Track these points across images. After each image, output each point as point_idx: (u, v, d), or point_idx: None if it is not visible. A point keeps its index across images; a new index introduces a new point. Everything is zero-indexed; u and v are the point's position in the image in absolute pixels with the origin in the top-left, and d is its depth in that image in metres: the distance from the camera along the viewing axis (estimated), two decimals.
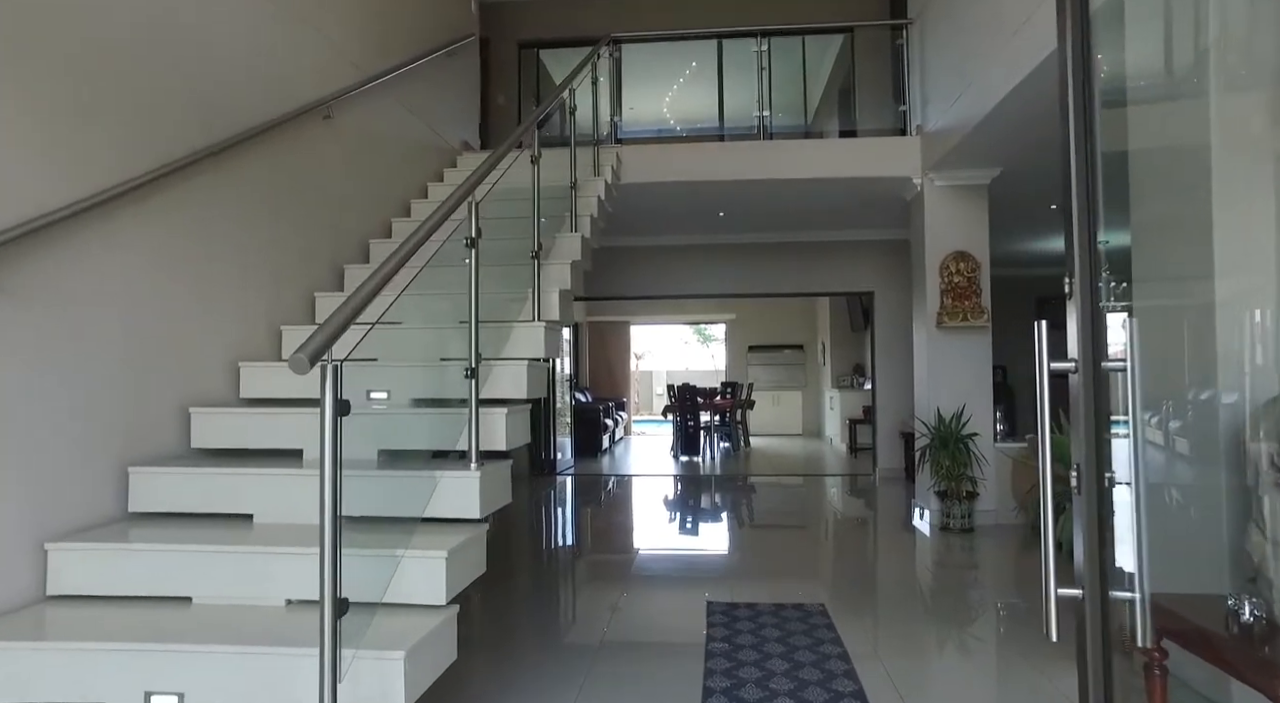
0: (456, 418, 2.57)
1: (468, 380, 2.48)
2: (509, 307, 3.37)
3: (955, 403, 5.41)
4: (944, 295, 5.52)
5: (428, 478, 2.43)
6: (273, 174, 3.52)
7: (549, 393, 8.67)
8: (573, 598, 4.36)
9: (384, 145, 4.55)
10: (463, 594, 2.24)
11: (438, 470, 2.44)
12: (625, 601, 4.04)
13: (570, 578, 4.79)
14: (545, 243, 3.95)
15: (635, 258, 8.47)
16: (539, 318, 3.32)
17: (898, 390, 8.06)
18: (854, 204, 6.76)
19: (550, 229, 4.11)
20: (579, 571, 4.91)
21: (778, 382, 13.11)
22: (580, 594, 4.42)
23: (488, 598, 4.17)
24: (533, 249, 3.39)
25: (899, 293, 8.08)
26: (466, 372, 2.47)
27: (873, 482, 7.98)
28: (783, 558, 5.00)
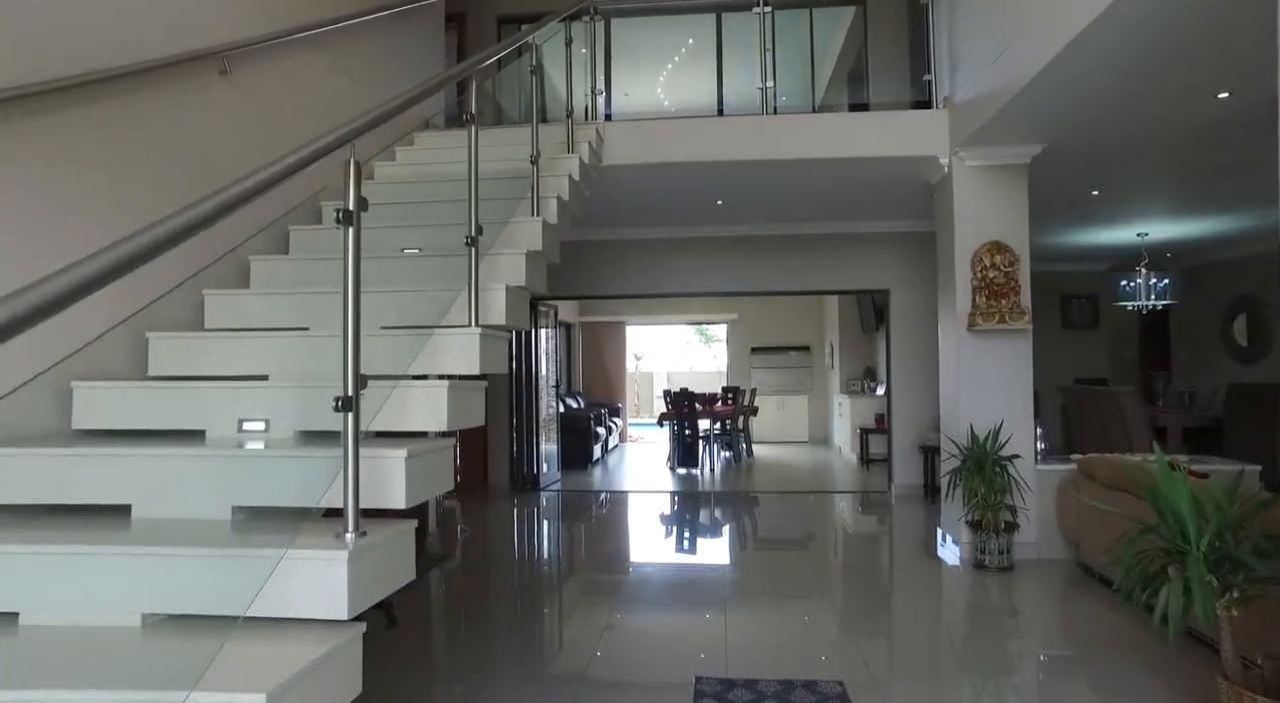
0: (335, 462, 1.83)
1: (342, 414, 1.74)
2: (436, 307, 2.63)
3: (991, 418, 4.65)
4: (976, 293, 4.75)
5: (258, 558, 1.68)
6: (151, 132, 2.79)
7: (531, 401, 7.93)
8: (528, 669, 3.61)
9: (309, 114, 3.80)
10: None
11: (272, 549, 1.68)
12: (594, 669, 3.29)
13: (526, 647, 4.05)
14: (494, 229, 3.22)
15: (627, 253, 7.72)
16: (476, 322, 2.58)
17: (916, 399, 7.29)
18: (870, 191, 5.99)
19: (502, 213, 3.37)
20: (540, 635, 4.16)
21: (783, 386, 12.34)
22: (536, 669, 3.67)
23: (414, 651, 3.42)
24: (468, 233, 2.64)
25: (918, 291, 7.32)
26: (337, 403, 1.72)
27: (888, 500, 7.21)
28: (790, 608, 4.24)
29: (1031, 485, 4.57)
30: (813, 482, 8.45)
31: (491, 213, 3.47)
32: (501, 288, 2.80)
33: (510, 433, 7.85)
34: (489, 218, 3.30)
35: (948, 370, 5.11)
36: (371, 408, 1.97)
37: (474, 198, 2.68)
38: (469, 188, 2.70)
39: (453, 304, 2.59)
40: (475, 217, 2.67)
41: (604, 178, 5.37)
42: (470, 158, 2.73)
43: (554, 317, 8.66)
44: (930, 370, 7.18)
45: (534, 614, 4.24)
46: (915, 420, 7.29)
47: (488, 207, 3.51)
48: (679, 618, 4.04)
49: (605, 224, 7.42)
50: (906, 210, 6.76)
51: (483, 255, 2.97)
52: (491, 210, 3.50)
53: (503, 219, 3.42)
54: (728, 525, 6.62)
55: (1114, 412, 6.74)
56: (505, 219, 3.44)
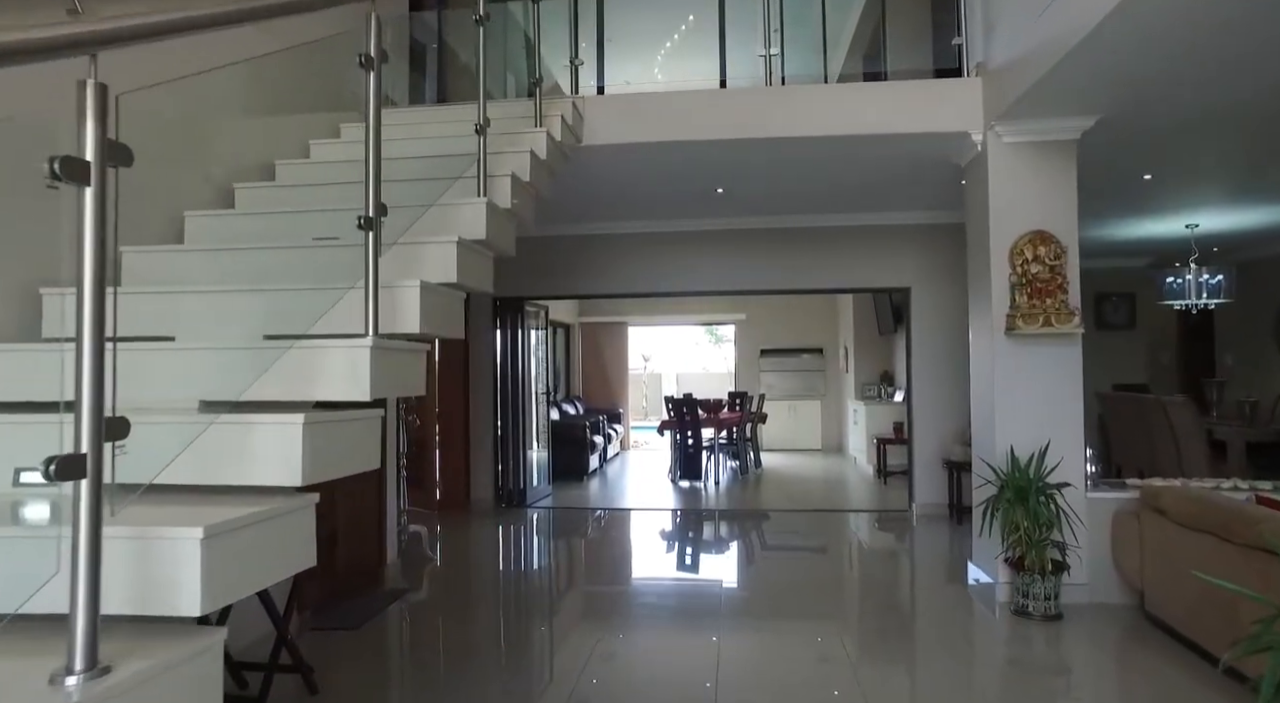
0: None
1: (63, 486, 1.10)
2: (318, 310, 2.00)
3: (1034, 438, 3.96)
4: (1016, 292, 4.06)
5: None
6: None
7: (518, 409, 7.29)
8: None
9: (211, 78, 3.17)
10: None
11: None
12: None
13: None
14: (417, 214, 2.58)
15: (620, 248, 7.07)
16: (373, 330, 1.93)
17: (939, 409, 6.59)
18: (889, 175, 5.30)
19: (432, 193, 2.73)
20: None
21: (794, 390, 11.64)
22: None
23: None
24: (363, 214, 1.99)
25: (943, 290, 6.62)
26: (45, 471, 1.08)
27: (909, 520, 6.51)
28: (797, 660, 3.57)
29: (1083, 517, 3.87)
30: (825, 497, 7.76)
31: (425, 195, 2.85)
32: (415, 285, 2.16)
33: (494, 444, 7.22)
34: (417, 200, 2.68)
35: (980, 381, 4.41)
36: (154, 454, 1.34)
37: (371, 162, 2.03)
38: (366, 150, 2.05)
39: (332, 306, 1.95)
40: (373, 189, 2.02)
41: (585, 161, 4.72)
42: (367, 115, 2.08)
43: (545, 317, 8.02)
44: (955, 377, 6.48)
45: (503, 663, 3.59)
46: (938, 432, 6.59)
47: (420, 189, 2.89)
48: (668, 667, 3.37)
49: (595, 217, 6.77)
50: (930, 199, 6.06)
51: (393, 244, 2.34)
52: (425, 193, 2.88)
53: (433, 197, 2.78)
54: (727, 552, 5.95)
55: (1161, 423, 6.02)
56: (435, 197, 2.80)
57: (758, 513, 7.09)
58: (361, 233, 1.97)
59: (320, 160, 3.65)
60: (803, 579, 4.90)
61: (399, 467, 5.19)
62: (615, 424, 11.25)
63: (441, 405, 7.07)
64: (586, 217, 6.76)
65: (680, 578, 5.11)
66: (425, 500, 7.07)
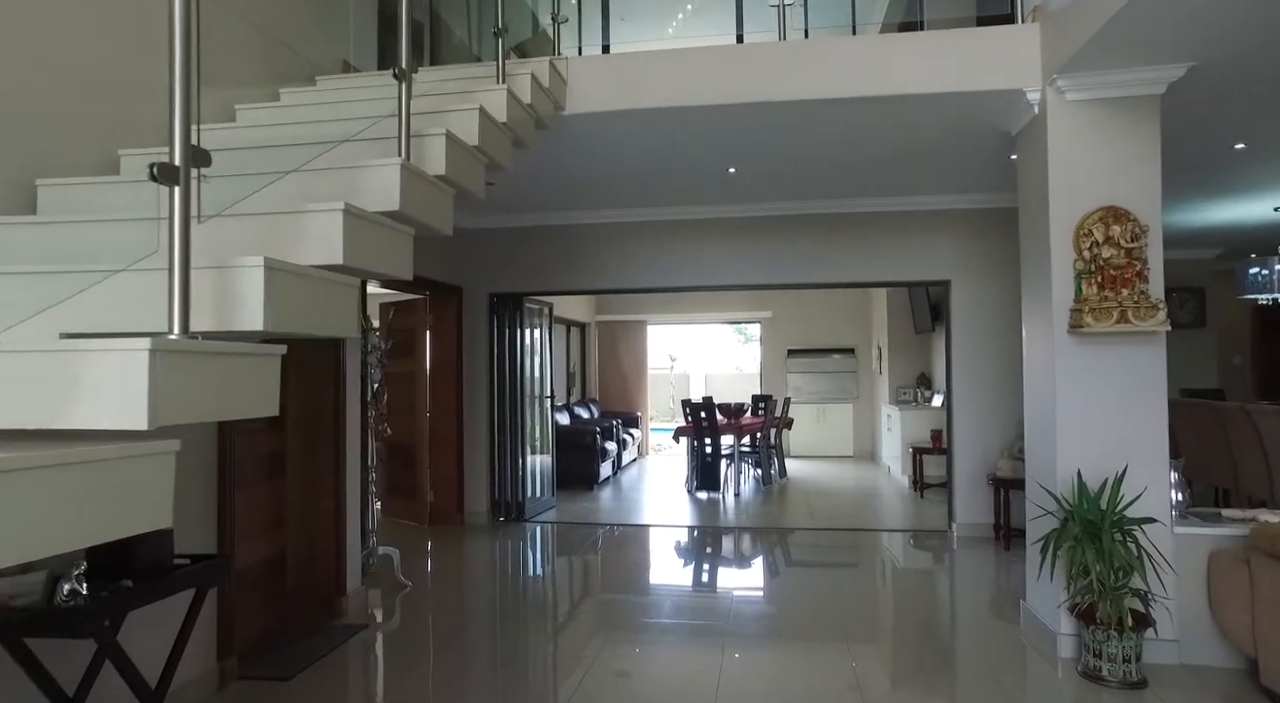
0: None
1: None
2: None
3: (1106, 460, 3.23)
4: (1082, 281, 3.33)
5: None
6: None
7: (516, 414, 6.70)
8: None
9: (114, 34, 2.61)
10: None
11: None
12: None
13: None
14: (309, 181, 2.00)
15: (628, 239, 6.44)
16: (181, 327, 1.34)
17: (984, 417, 5.85)
18: (926, 148, 4.59)
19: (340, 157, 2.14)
20: None
21: (823, 393, 10.90)
22: None
23: None
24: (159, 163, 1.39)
25: (988, 282, 5.88)
26: None
27: (949, 543, 5.78)
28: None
29: (1170, 557, 3.14)
30: (853, 513, 7.03)
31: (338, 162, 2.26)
32: (258, 265, 1.55)
33: (490, 452, 6.64)
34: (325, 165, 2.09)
35: (1037, 389, 3.69)
36: None
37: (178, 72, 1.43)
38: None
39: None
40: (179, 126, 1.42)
41: (572, 132, 4.11)
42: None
43: (548, 315, 7.42)
44: (1002, 383, 5.74)
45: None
46: (982, 444, 5.84)
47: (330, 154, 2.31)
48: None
49: (597, 204, 6.15)
50: (973, 178, 5.32)
51: (242, 215, 1.75)
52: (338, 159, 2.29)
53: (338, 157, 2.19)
54: (739, 579, 5.28)
55: (1247, 435, 5.20)
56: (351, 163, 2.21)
57: (778, 531, 6.41)
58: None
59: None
60: (824, 614, 4.21)
61: (367, 480, 4.62)
62: (632, 429, 10.62)
63: (433, 410, 6.52)
64: (587, 204, 6.15)
65: (683, 608, 4.46)
66: (416, 513, 6.53)
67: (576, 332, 11.27)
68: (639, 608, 4.52)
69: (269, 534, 3.85)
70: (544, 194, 5.82)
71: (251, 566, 3.64)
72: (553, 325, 7.55)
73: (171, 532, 2.50)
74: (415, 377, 6.59)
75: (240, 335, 1.57)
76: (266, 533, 3.83)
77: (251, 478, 3.71)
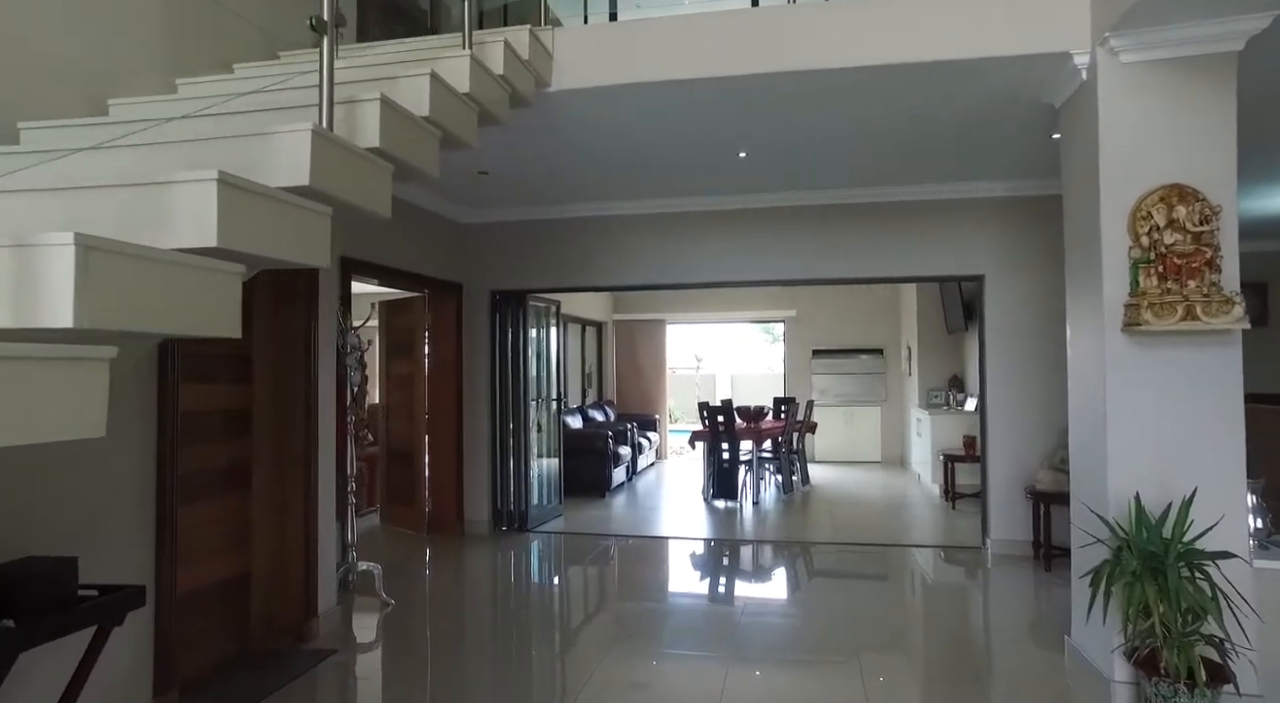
0: None
1: None
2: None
3: (1170, 480, 2.77)
4: (1140, 271, 2.87)
5: None
6: None
7: (519, 417, 6.36)
8: None
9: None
10: None
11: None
12: None
13: None
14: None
15: (638, 232, 6.06)
16: None
17: (1022, 424, 5.35)
18: (955, 130, 4.13)
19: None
20: None
21: (850, 395, 10.40)
22: None
23: None
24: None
25: (1026, 276, 5.39)
26: None
27: (983, 560, 5.29)
28: None
29: (1249, 598, 2.66)
30: (880, 525, 6.56)
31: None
32: (68, 243, 1.19)
33: (492, 458, 6.30)
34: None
35: (1084, 396, 3.22)
36: None
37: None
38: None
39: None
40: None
41: (560, 111, 3.74)
42: None
43: (555, 313, 7.05)
44: (1042, 386, 5.25)
45: None
46: (1019, 453, 5.35)
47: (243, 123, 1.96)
48: None
49: (601, 195, 5.78)
50: (1009, 162, 4.84)
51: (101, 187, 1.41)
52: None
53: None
54: (750, 602, 4.86)
55: None
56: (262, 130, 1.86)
57: (796, 545, 5.96)
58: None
59: None
60: (843, 641, 3.77)
61: (348, 492, 4.29)
62: (649, 432, 10.23)
63: (431, 413, 6.20)
64: (591, 195, 5.77)
65: (686, 630, 4.06)
66: (414, 522, 6.22)
67: (592, 331, 10.92)
68: (640, 632, 4.13)
69: (230, 553, 3.54)
70: (545, 184, 5.46)
71: (204, 589, 3.32)
72: (560, 324, 7.18)
73: (75, 561, 2.17)
74: (414, 378, 6.28)
75: (47, 334, 1.21)
76: (226, 552, 3.52)
77: (207, 491, 3.40)
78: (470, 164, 4.87)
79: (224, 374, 3.56)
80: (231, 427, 3.59)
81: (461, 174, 5.08)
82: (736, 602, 4.72)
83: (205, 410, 3.42)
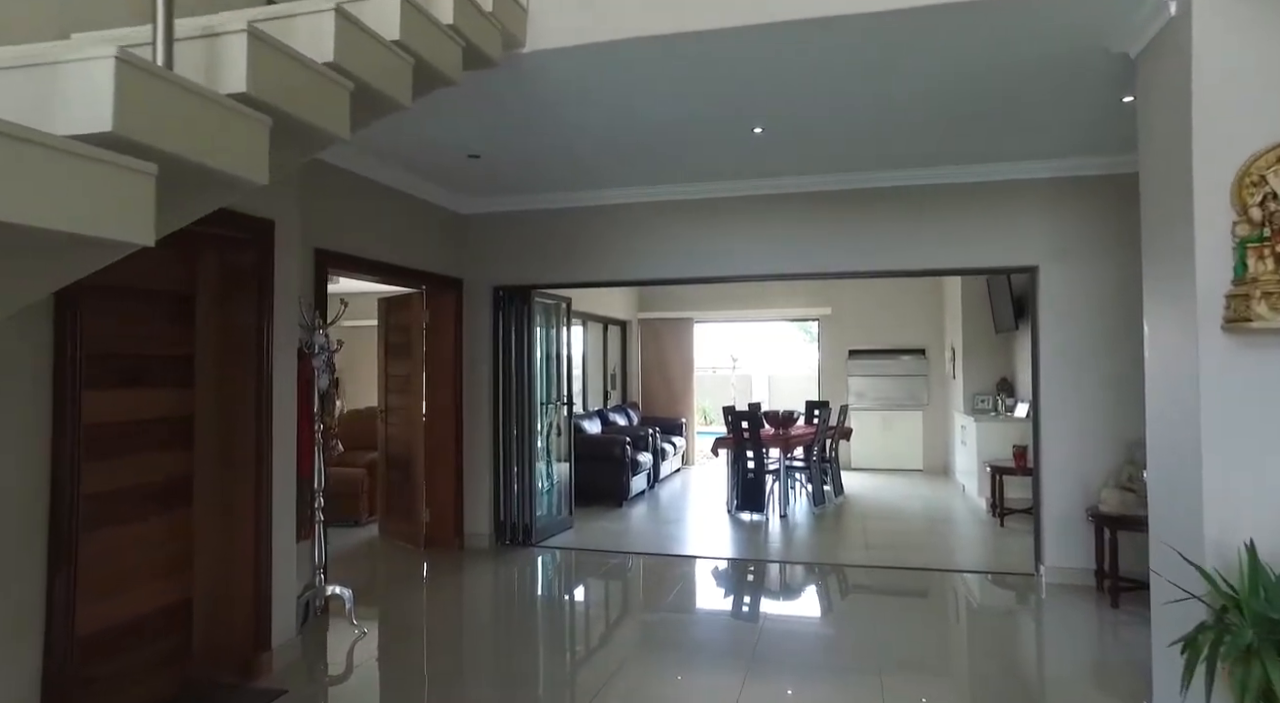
0: None
1: None
2: None
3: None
4: (1249, 252, 2.26)
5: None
6: None
7: (524, 423, 5.90)
8: None
9: None
10: None
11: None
12: None
13: None
14: None
15: (649, 220, 5.55)
16: None
17: (1082, 435, 4.71)
18: (1003, 93, 3.53)
19: None
20: None
21: (889, 399, 9.75)
22: None
23: None
24: None
25: (1088, 267, 4.75)
26: None
27: (1037, 588, 4.66)
28: None
29: None
30: (918, 543, 5.94)
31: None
32: None
33: (494, 466, 5.85)
34: None
35: (1168, 409, 2.61)
36: None
37: None
38: None
39: None
40: None
41: (541, 75, 3.25)
42: None
43: (566, 311, 6.57)
44: (1107, 391, 4.61)
45: None
46: (1079, 467, 4.70)
47: None
48: None
49: (607, 181, 5.27)
50: (1066, 135, 4.21)
51: None
52: None
53: None
54: (765, 635, 4.31)
55: None
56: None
57: (825, 568, 5.39)
58: None
59: None
60: (870, 684, 3.21)
61: (314, 507, 3.87)
62: (674, 437, 9.71)
63: (428, 417, 5.77)
64: (598, 181, 5.28)
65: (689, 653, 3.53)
66: (411, 535, 5.80)
67: (616, 331, 10.44)
68: (640, 671, 3.62)
69: (166, 579, 3.14)
70: (547, 169, 4.99)
71: (130, 622, 2.92)
72: (571, 323, 6.70)
73: None
74: (411, 380, 5.86)
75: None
76: (162, 578, 3.12)
77: (138, 510, 3.00)
78: (458, 146, 4.42)
79: (160, 377, 3.16)
80: (170, 437, 3.18)
81: (451, 157, 4.64)
82: (754, 630, 4.17)
83: (137, 419, 3.03)
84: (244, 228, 3.33)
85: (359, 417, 7.07)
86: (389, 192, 4.97)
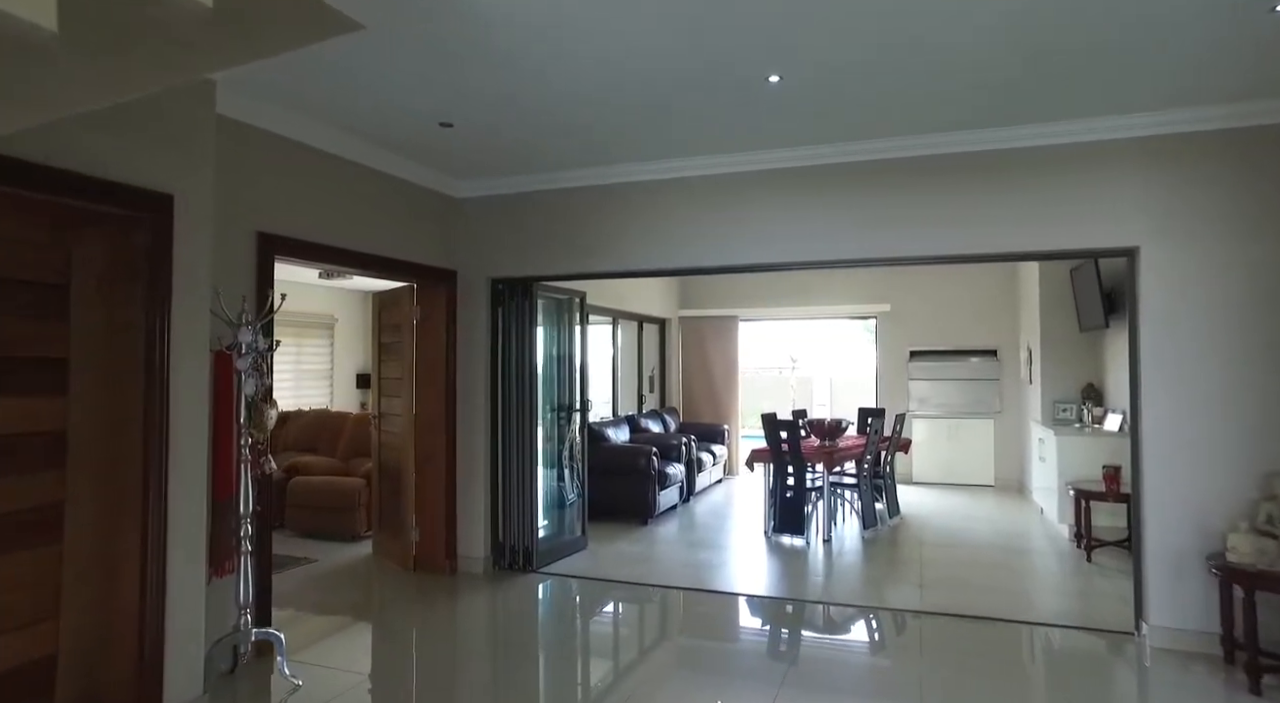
0: None
1: None
2: None
3: None
4: None
5: None
6: None
7: (523, 433, 5.22)
8: None
9: None
10: None
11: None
12: None
13: None
14: None
15: (664, 199, 4.80)
16: None
17: (1198, 458, 3.73)
18: (1085, 32, 2.64)
19: None
20: None
21: (955, 405, 8.72)
22: None
23: None
24: None
25: (1203, 249, 3.77)
26: None
27: (1140, 654, 3.71)
28: None
29: None
30: (983, 583, 4.98)
31: None
32: None
33: (491, 480, 5.21)
34: None
35: None
36: None
37: None
38: None
39: None
40: None
41: (497, 18, 2.55)
42: None
43: (578, 305, 5.87)
44: (1234, 403, 3.63)
45: None
46: (1195, 498, 3.72)
47: None
48: None
49: (612, 156, 4.55)
50: (1181, 74, 3.26)
51: None
52: None
53: None
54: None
55: None
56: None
57: (866, 612, 4.52)
58: None
59: None
60: None
61: (237, 537, 3.27)
62: (714, 445, 8.91)
63: (417, 425, 5.17)
64: (601, 157, 4.56)
65: None
66: (401, 555, 5.21)
67: (653, 329, 9.70)
68: None
69: (21, 630, 2.56)
70: (538, 142, 4.29)
71: None
72: (587, 319, 5.98)
73: None
74: (402, 384, 5.27)
75: None
76: (15, 630, 2.55)
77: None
78: (424, 113, 3.77)
79: (21, 384, 2.59)
80: (32, 455, 2.62)
81: (422, 128, 3.99)
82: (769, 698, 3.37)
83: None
84: (132, 204, 2.74)
85: (361, 421, 6.56)
86: (357, 169, 4.36)
